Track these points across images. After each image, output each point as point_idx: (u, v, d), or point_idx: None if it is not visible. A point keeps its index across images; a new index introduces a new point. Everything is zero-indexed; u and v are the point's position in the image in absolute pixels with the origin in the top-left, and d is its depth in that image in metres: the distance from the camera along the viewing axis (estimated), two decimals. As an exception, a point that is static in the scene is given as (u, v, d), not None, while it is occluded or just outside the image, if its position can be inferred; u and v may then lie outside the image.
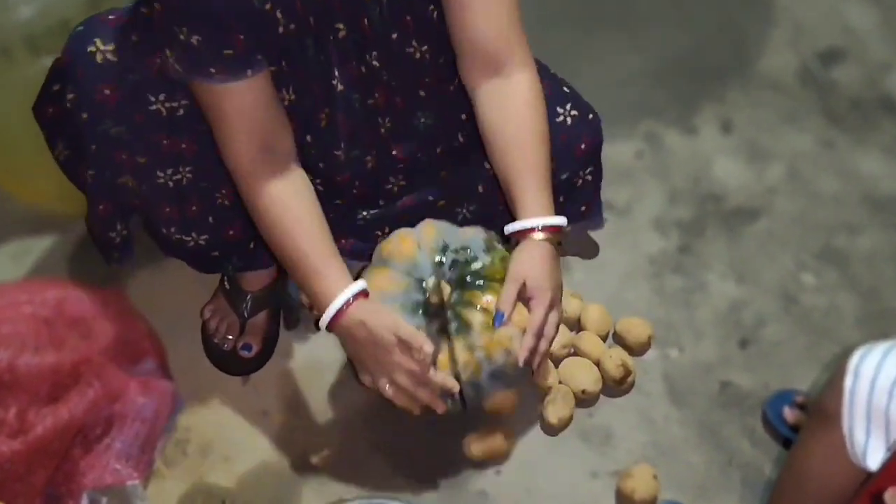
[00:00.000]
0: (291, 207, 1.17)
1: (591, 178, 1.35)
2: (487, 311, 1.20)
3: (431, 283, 1.20)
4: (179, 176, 1.23)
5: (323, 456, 1.36)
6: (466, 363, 1.18)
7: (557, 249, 1.21)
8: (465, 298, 1.20)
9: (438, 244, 1.22)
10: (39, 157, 1.28)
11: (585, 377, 1.40)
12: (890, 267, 1.57)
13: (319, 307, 1.17)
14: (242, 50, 1.08)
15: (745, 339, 1.49)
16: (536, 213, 1.19)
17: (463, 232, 1.25)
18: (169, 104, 1.17)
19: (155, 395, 1.30)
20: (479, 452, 1.34)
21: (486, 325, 1.19)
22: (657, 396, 1.43)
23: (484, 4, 1.16)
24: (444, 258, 1.22)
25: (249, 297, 1.43)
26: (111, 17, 1.18)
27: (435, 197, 1.34)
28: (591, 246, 1.58)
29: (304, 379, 1.44)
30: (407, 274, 1.21)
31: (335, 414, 1.40)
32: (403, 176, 1.33)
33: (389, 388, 1.17)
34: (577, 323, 1.47)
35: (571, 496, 1.33)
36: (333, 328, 1.17)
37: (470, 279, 1.21)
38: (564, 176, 1.31)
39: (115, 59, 1.15)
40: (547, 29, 1.82)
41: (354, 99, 1.22)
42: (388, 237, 1.26)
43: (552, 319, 1.20)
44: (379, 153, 1.29)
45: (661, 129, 1.76)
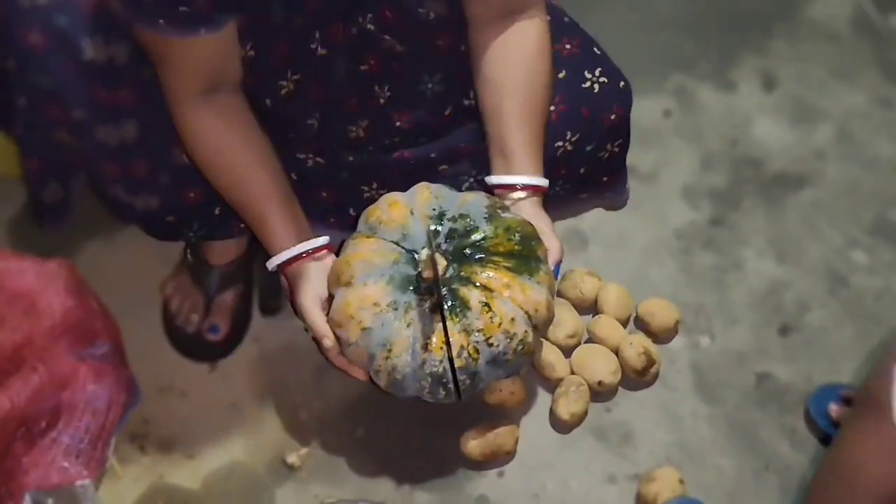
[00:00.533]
0: (230, 143, 1.21)
1: (618, 149, 1.37)
2: (487, 288, 1.20)
3: (424, 255, 1.20)
4: (122, 132, 1.23)
5: (300, 454, 1.36)
6: (462, 347, 1.19)
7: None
8: (462, 274, 1.20)
9: (434, 210, 1.22)
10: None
11: (602, 367, 1.40)
12: (953, 244, 1.57)
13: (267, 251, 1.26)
14: (201, 8, 1.08)
15: (785, 325, 1.49)
16: (523, 169, 1.25)
17: (462, 197, 1.25)
18: (107, 50, 1.17)
19: (108, 382, 1.30)
20: (479, 451, 1.35)
21: (485, 304, 1.19)
22: (684, 390, 1.43)
23: None
24: (439, 227, 1.22)
25: (216, 271, 1.43)
26: None
27: (437, 162, 1.35)
28: (615, 197, 1.55)
29: (278, 367, 1.44)
30: (397, 244, 1.21)
31: (315, 407, 1.40)
32: (402, 139, 1.34)
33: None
34: (593, 305, 1.47)
35: (585, 502, 1.34)
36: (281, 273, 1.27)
37: (469, 252, 1.21)
38: (589, 148, 1.33)
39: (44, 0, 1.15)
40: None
41: (339, 66, 1.23)
42: (376, 201, 1.26)
43: None
44: (375, 123, 1.31)
45: (692, 83, 1.75)
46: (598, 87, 1.32)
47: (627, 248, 1.56)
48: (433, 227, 1.22)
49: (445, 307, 1.19)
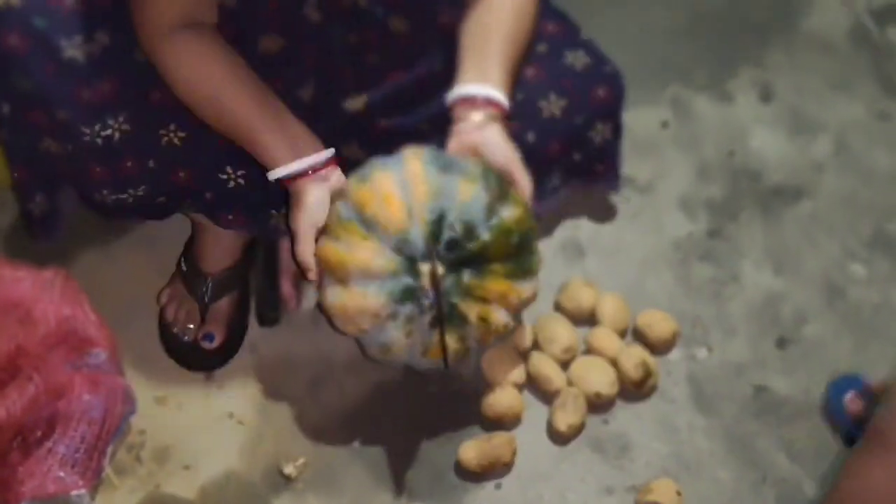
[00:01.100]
0: (210, 67, 1.20)
1: (609, 136, 1.38)
2: (487, 301, 1.21)
3: (426, 269, 1.20)
4: (109, 130, 1.23)
5: (297, 465, 1.36)
6: (457, 351, 1.25)
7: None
8: (462, 287, 1.21)
9: (432, 213, 1.19)
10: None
11: (599, 379, 1.40)
12: (951, 257, 1.58)
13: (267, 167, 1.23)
14: None
15: (783, 337, 1.50)
16: (502, 83, 1.23)
17: (461, 190, 1.19)
18: (87, 46, 1.17)
19: (104, 392, 1.30)
20: (476, 463, 1.35)
21: (483, 319, 1.22)
22: (681, 402, 1.43)
23: None
24: (440, 231, 1.19)
25: (210, 280, 1.43)
26: None
27: (426, 125, 1.35)
28: (605, 208, 1.60)
29: (275, 377, 1.44)
30: (397, 250, 1.19)
31: (312, 417, 1.40)
32: (395, 104, 1.35)
33: None
34: (590, 316, 1.48)
35: (582, 514, 1.34)
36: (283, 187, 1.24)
37: (468, 262, 1.21)
38: (579, 121, 1.34)
39: (18, 2, 1.16)
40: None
41: (335, 35, 1.24)
42: (362, 176, 1.21)
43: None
44: (372, 96, 1.32)
45: (689, 94, 1.76)
46: (579, 66, 1.35)
47: (625, 258, 1.56)
48: (432, 229, 1.19)
49: (443, 318, 1.21)
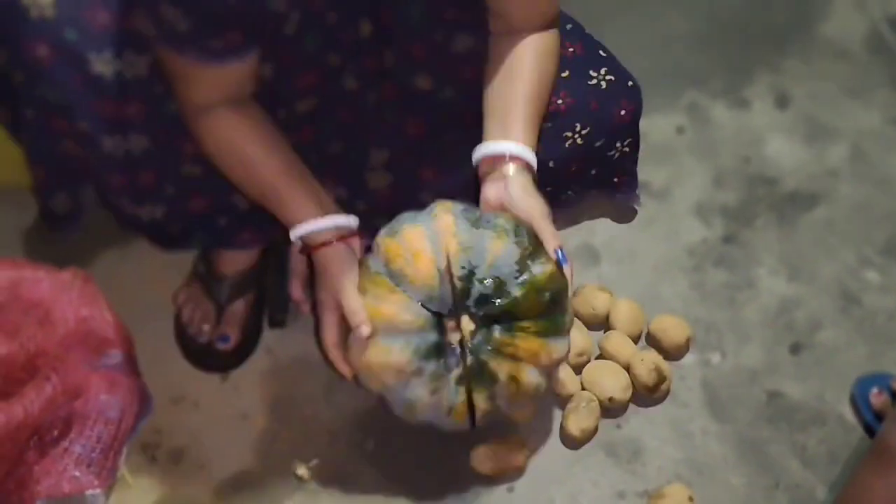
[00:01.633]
0: (241, 130, 1.21)
1: (628, 149, 1.38)
2: (517, 360, 1.19)
3: (454, 325, 1.18)
4: (130, 144, 1.24)
5: (310, 466, 1.37)
6: (486, 411, 1.21)
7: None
8: (490, 344, 1.19)
9: (462, 269, 1.18)
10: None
11: (613, 383, 1.40)
12: (967, 265, 1.58)
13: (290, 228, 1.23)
14: (233, 45, 1.11)
15: (797, 343, 1.50)
16: (527, 140, 1.24)
17: (492, 248, 1.18)
18: (116, 64, 1.18)
19: (120, 392, 1.31)
20: (489, 466, 1.35)
21: (513, 378, 1.19)
22: (695, 407, 1.44)
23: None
24: (469, 285, 1.18)
25: (226, 281, 1.44)
26: None
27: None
28: (625, 211, 1.60)
29: (290, 378, 1.45)
30: (423, 303, 1.18)
31: (325, 419, 1.41)
32: (421, 154, 1.38)
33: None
34: (604, 321, 1.48)
35: (594, 519, 1.35)
36: (304, 252, 1.24)
37: (499, 319, 1.19)
38: (598, 144, 1.35)
39: (52, 13, 1.16)
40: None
41: (369, 98, 1.27)
42: (392, 230, 1.21)
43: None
44: (395, 152, 1.35)
45: (706, 100, 1.76)
46: (605, 83, 1.36)
47: (639, 264, 1.56)
48: (461, 286, 1.17)
49: (472, 376, 1.19)
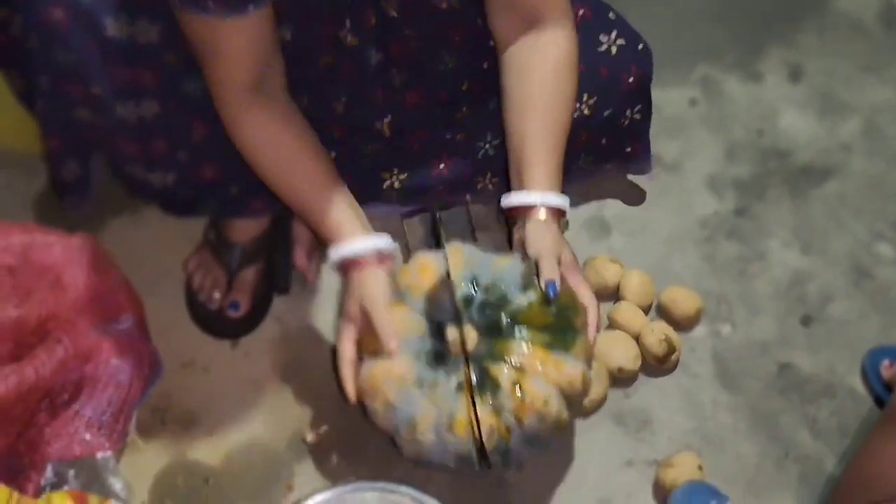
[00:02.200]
0: (284, 141, 1.21)
1: (639, 116, 1.37)
2: (521, 368, 1.16)
3: (452, 332, 1.17)
4: (142, 111, 1.24)
5: (320, 433, 1.37)
6: (492, 428, 1.17)
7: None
8: (494, 350, 1.17)
9: (465, 277, 1.19)
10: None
11: (622, 353, 1.40)
12: (979, 239, 1.57)
13: (328, 245, 1.23)
14: None
15: (808, 316, 1.50)
16: (543, 186, 1.23)
17: (496, 262, 1.20)
18: (129, 30, 1.18)
19: (131, 356, 1.31)
20: (498, 434, 1.35)
21: (517, 384, 1.16)
22: (705, 378, 1.43)
23: None
24: (472, 292, 1.18)
25: (237, 248, 1.44)
26: None
27: (452, 134, 1.37)
28: (635, 191, 1.59)
29: (300, 346, 1.45)
30: (425, 314, 1.18)
31: (335, 386, 1.40)
32: (419, 122, 1.35)
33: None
34: (615, 292, 1.48)
35: (602, 487, 1.35)
36: (340, 269, 1.24)
37: (502, 326, 1.18)
38: (607, 113, 1.33)
39: None
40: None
41: (368, 54, 1.25)
42: (407, 264, 1.23)
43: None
44: (396, 115, 1.34)
45: (719, 74, 1.75)
46: (615, 49, 1.34)
47: (650, 236, 1.56)
48: (464, 292, 1.18)
49: (475, 385, 1.16)
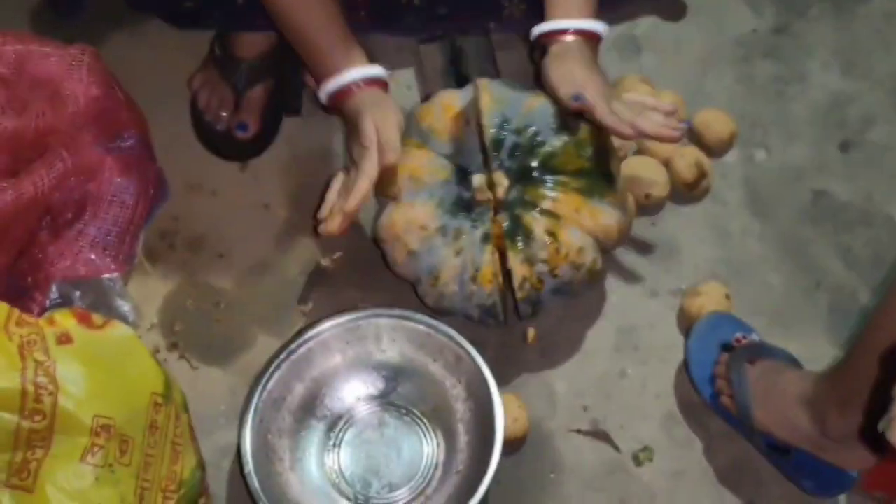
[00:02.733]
0: None
1: None
2: (554, 214, 1.12)
3: (478, 178, 1.12)
4: None
5: (334, 258, 1.33)
6: (525, 279, 1.13)
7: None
8: (526, 198, 1.13)
9: (495, 118, 1.13)
10: None
11: (650, 178, 1.34)
12: None
13: (320, 82, 1.19)
14: None
15: (847, 140, 1.43)
16: (572, 13, 1.17)
17: (528, 102, 1.15)
18: None
19: (136, 175, 1.27)
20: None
21: (551, 234, 1.12)
22: (735, 205, 1.38)
23: None
24: (502, 136, 1.13)
25: (244, 65, 1.37)
26: None
27: None
28: (672, 5, 1.51)
29: (310, 168, 1.40)
30: (450, 158, 1.13)
31: (349, 210, 1.37)
32: None
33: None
34: (644, 113, 1.41)
35: (624, 315, 1.31)
36: (334, 107, 1.20)
37: (535, 171, 1.13)
38: None
39: None
40: None
41: None
42: (428, 101, 1.18)
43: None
44: None
45: None
46: None
47: (683, 56, 1.48)
48: (493, 135, 1.12)
49: (506, 234, 1.12)
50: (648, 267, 1.34)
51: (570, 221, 1.13)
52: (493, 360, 1.24)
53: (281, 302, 1.31)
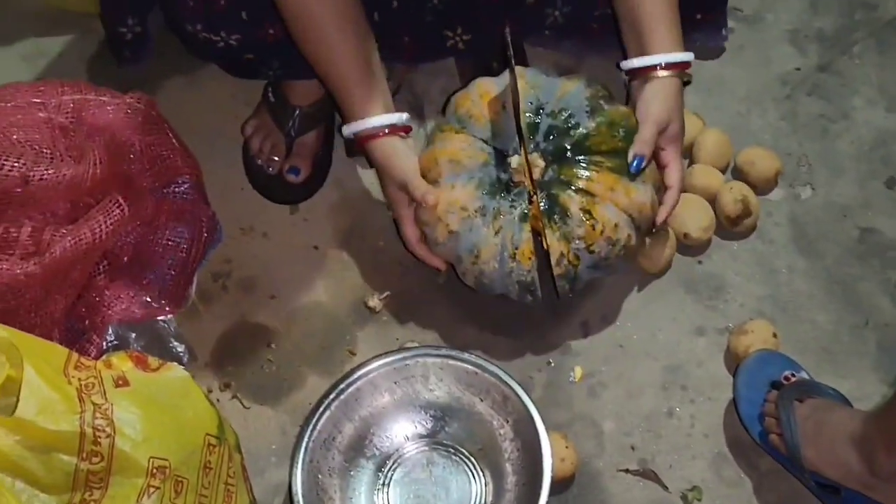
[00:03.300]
0: (327, 7, 1.16)
1: None
2: (589, 193, 1.15)
3: (516, 160, 1.14)
4: None
5: (382, 298, 1.35)
6: (562, 255, 1.16)
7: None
8: (562, 177, 1.15)
9: (530, 103, 1.16)
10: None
11: (693, 218, 1.34)
12: None
13: (344, 123, 1.25)
14: None
15: (893, 177, 1.42)
16: (664, 47, 1.19)
17: (562, 86, 1.18)
18: None
19: (190, 219, 1.29)
20: (564, 300, 1.31)
21: (586, 211, 1.15)
22: (781, 243, 1.38)
23: None
24: (538, 120, 1.15)
25: (297, 112, 1.39)
26: None
27: None
28: (714, 44, 1.51)
29: (360, 210, 1.42)
30: (487, 142, 1.16)
31: (396, 251, 1.38)
32: None
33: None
34: (689, 149, 1.41)
35: (671, 354, 1.31)
36: (360, 150, 1.25)
37: (570, 152, 1.15)
38: None
39: None
40: None
41: None
42: (465, 89, 1.19)
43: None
44: None
45: (804, -81, 1.63)
46: None
47: (728, 94, 1.48)
48: (530, 119, 1.14)
49: (543, 213, 1.14)
50: (695, 305, 1.34)
51: (605, 199, 1.15)
52: (540, 399, 1.25)
53: (330, 342, 1.33)
